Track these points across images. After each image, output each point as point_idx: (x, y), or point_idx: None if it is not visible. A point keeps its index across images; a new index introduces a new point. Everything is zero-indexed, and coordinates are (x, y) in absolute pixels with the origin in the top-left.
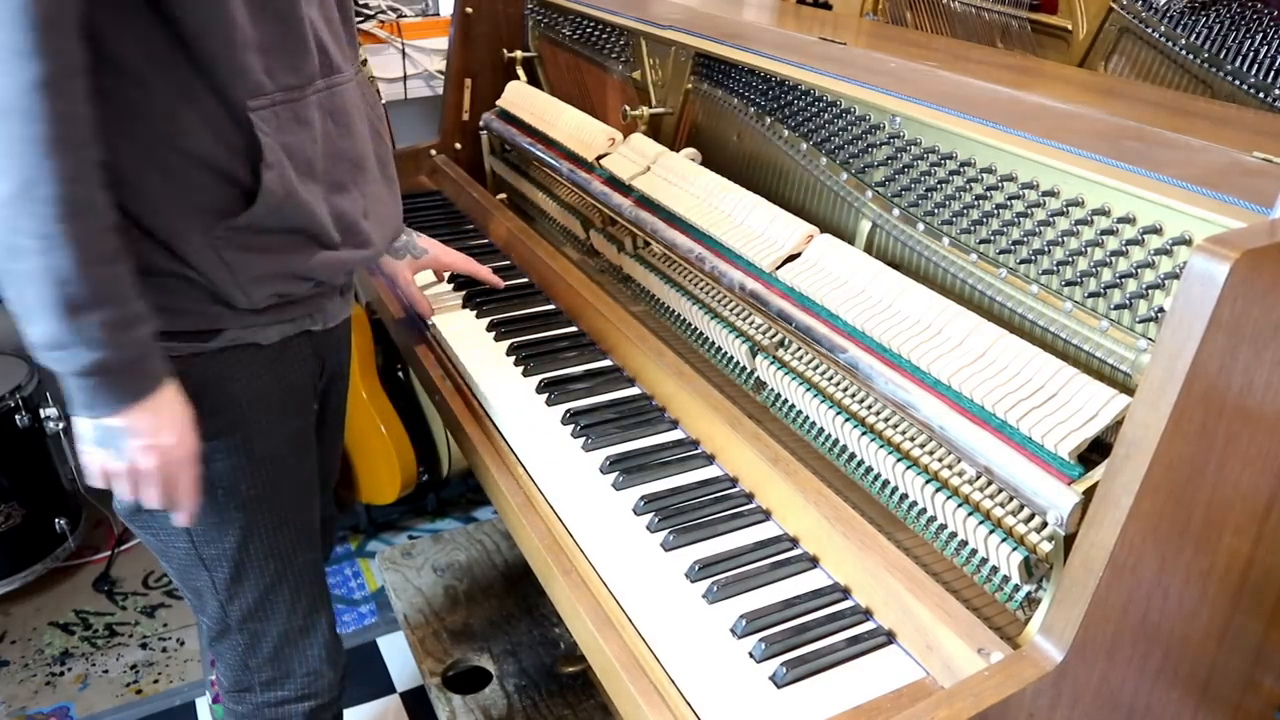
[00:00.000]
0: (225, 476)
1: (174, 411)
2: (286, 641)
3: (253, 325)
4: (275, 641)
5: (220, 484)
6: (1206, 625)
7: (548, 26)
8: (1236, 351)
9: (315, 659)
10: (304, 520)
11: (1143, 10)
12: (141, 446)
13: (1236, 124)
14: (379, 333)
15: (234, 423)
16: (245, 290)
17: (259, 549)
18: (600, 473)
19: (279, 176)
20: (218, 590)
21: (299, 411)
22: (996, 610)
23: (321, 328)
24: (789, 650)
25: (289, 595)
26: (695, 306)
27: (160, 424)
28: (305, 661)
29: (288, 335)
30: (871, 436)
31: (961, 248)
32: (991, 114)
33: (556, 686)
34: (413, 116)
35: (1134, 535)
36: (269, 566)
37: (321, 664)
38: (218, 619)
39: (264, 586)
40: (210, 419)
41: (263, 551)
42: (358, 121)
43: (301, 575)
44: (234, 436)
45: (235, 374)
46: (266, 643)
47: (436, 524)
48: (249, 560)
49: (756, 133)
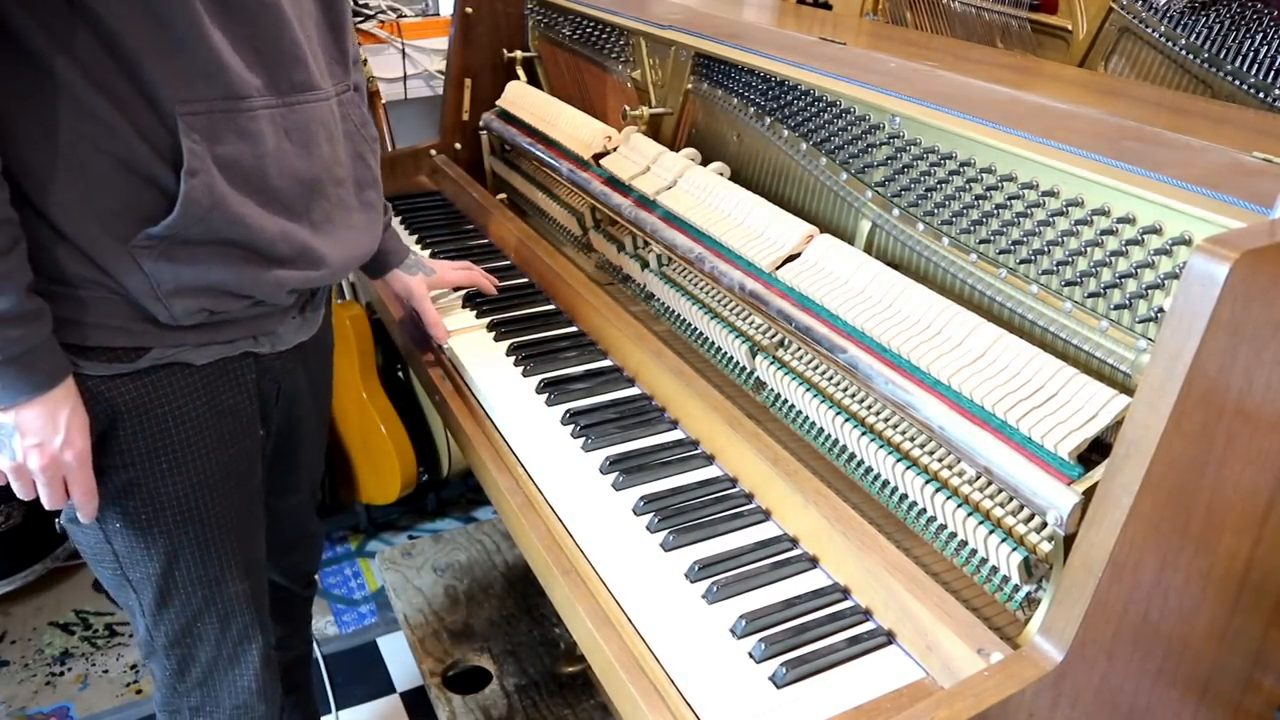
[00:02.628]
0: (150, 501)
1: (65, 412)
2: (215, 670)
3: (182, 345)
4: (203, 668)
5: (145, 508)
6: (1206, 625)
7: (548, 26)
8: (1236, 351)
9: (245, 690)
10: (237, 548)
11: (1143, 10)
12: (30, 446)
13: (1236, 124)
14: (379, 333)
15: (160, 447)
16: (167, 304)
17: (185, 575)
18: (600, 473)
19: (205, 185)
20: (144, 612)
21: (236, 438)
22: (996, 610)
23: (270, 350)
24: (789, 650)
25: (217, 624)
26: (695, 306)
27: (49, 424)
28: (235, 693)
29: (226, 357)
30: (871, 437)
31: (961, 248)
32: (991, 114)
33: (556, 686)
34: (413, 116)
35: (1134, 535)
36: (195, 593)
37: (252, 697)
38: (144, 640)
39: (190, 613)
40: (134, 441)
41: (189, 578)
42: (325, 142)
43: (232, 604)
44: (160, 461)
45: (163, 396)
46: (195, 668)
47: (436, 524)
48: (174, 586)
49: (756, 133)
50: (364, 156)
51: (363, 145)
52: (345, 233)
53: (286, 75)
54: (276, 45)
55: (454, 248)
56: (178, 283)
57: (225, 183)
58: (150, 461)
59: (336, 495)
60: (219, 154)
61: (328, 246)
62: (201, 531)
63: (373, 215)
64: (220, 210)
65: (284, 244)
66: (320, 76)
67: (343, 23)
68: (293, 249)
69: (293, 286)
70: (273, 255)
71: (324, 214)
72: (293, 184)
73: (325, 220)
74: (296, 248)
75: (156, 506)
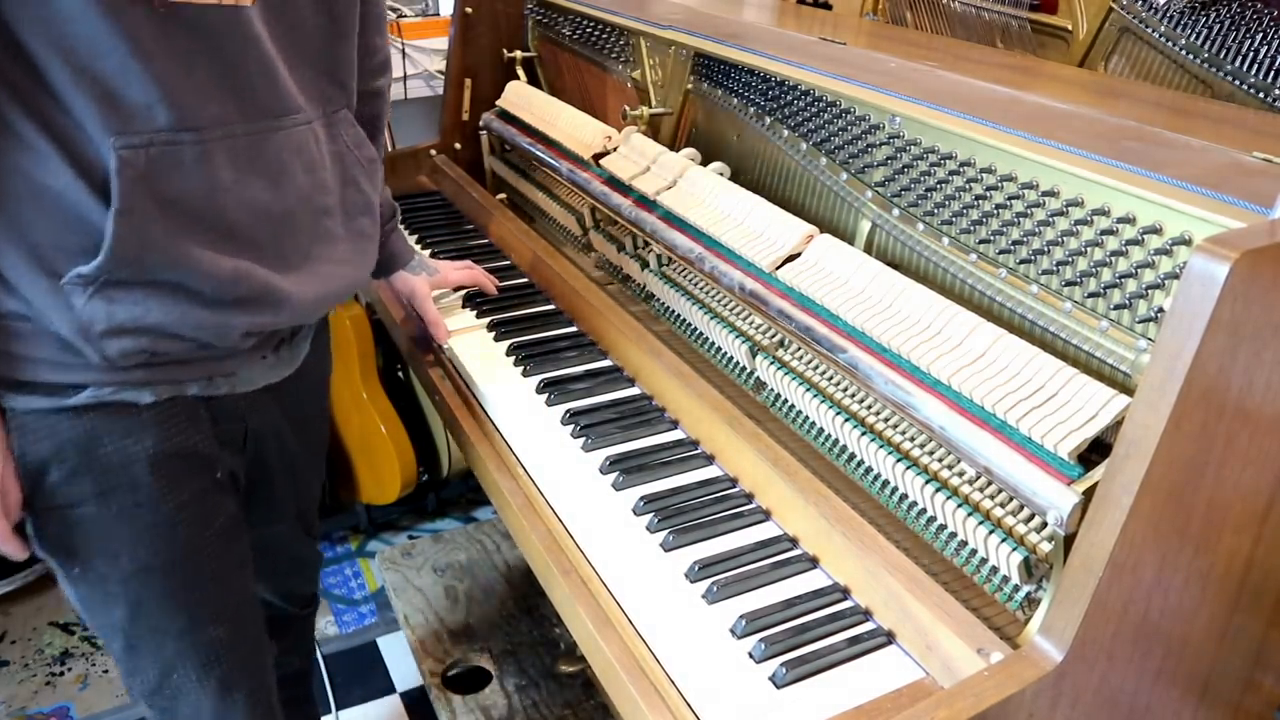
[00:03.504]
0: (103, 546)
1: None
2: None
3: (122, 383)
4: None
5: (99, 554)
6: (1206, 625)
7: (548, 26)
8: (1236, 351)
9: None
10: (209, 594)
11: (1143, 10)
12: None
13: (1236, 124)
14: (379, 333)
15: (108, 489)
16: (99, 344)
17: (151, 624)
18: (600, 473)
19: (135, 227)
20: (118, 660)
21: (194, 478)
22: (996, 610)
23: (231, 391)
24: (789, 650)
25: (194, 674)
26: (695, 306)
27: None
28: None
29: (177, 395)
30: (871, 437)
31: (961, 248)
32: (991, 114)
33: (556, 686)
34: (413, 116)
35: (1134, 535)
36: (166, 643)
37: None
38: (127, 687)
39: (163, 664)
40: (79, 481)
41: (156, 627)
42: (303, 171)
43: (210, 652)
44: (109, 503)
45: (105, 435)
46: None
47: (436, 524)
48: (141, 635)
49: (756, 133)
50: (356, 181)
51: (356, 169)
52: (326, 268)
53: (252, 101)
54: (237, 69)
55: (454, 248)
56: (110, 323)
57: (165, 222)
58: (98, 504)
59: (336, 495)
60: (160, 191)
61: (298, 285)
62: (164, 579)
63: (364, 244)
64: (156, 252)
65: (240, 285)
66: (300, 99)
67: (344, 30)
68: (250, 290)
69: (246, 331)
70: (222, 298)
71: (297, 249)
72: (256, 219)
73: (298, 256)
74: (255, 289)
75: (111, 552)
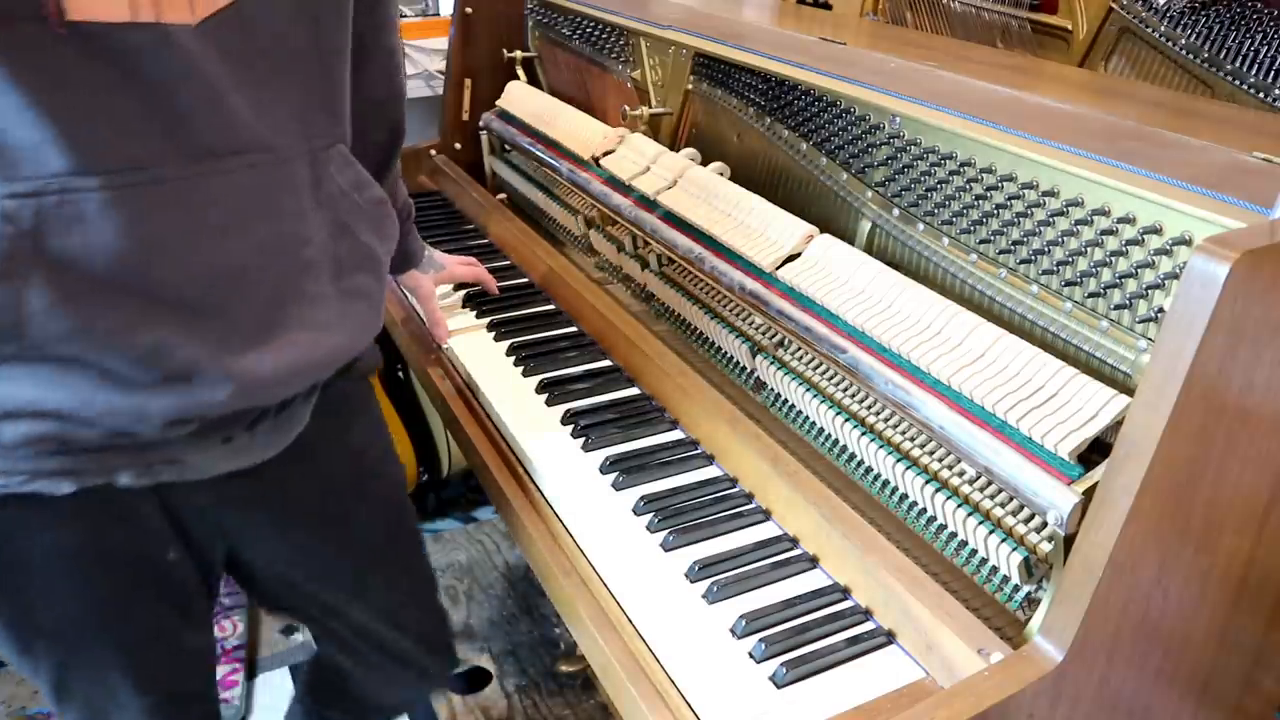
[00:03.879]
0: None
1: None
2: None
3: (32, 473)
4: None
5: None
6: (1206, 625)
7: (548, 26)
8: (1236, 351)
9: None
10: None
11: (1143, 10)
12: None
13: (1236, 124)
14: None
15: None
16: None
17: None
18: (600, 473)
19: (11, 295)
20: None
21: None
22: (996, 610)
23: (180, 479)
24: (789, 650)
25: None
26: (695, 306)
27: None
28: None
29: (106, 484)
30: (871, 436)
31: (961, 247)
32: (991, 114)
33: (556, 686)
34: (413, 116)
35: (1134, 535)
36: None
37: None
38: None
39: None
40: None
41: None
42: (267, 219)
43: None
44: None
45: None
46: None
47: (436, 524)
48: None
49: (756, 133)
50: (352, 230)
51: (353, 216)
52: (299, 336)
53: (187, 138)
54: (166, 101)
55: (454, 248)
56: (3, 407)
57: (57, 288)
58: (11, 596)
59: None
60: (53, 249)
61: (250, 360)
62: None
63: (359, 306)
64: (47, 323)
65: (162, 362)
66: (267, 133)
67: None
68: (176, 368)
69: (168, 417)
70: (137, 379)
71: (252, 315)
72: (190, 280)
73: (254, 324)
74: (181, 366)
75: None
